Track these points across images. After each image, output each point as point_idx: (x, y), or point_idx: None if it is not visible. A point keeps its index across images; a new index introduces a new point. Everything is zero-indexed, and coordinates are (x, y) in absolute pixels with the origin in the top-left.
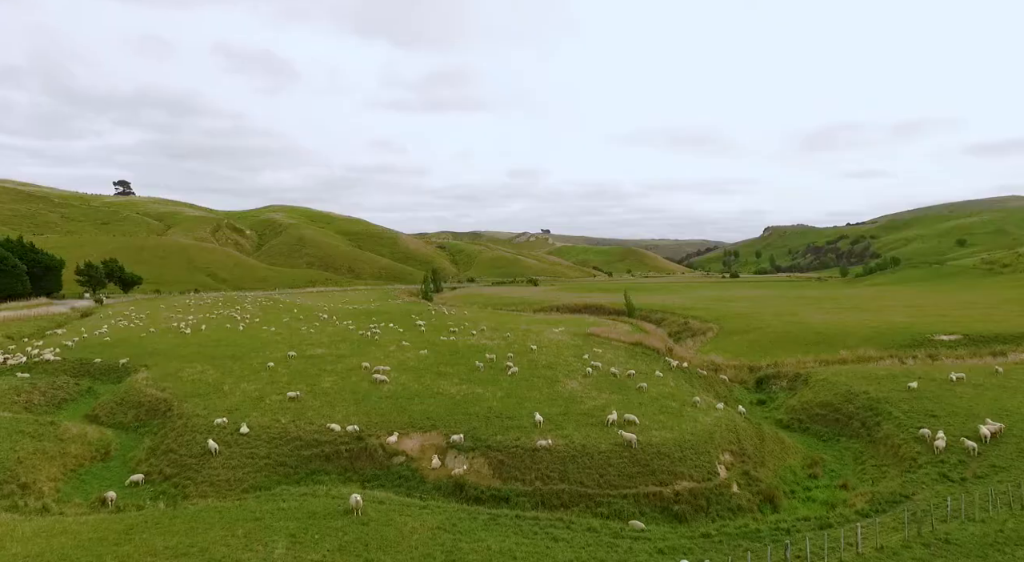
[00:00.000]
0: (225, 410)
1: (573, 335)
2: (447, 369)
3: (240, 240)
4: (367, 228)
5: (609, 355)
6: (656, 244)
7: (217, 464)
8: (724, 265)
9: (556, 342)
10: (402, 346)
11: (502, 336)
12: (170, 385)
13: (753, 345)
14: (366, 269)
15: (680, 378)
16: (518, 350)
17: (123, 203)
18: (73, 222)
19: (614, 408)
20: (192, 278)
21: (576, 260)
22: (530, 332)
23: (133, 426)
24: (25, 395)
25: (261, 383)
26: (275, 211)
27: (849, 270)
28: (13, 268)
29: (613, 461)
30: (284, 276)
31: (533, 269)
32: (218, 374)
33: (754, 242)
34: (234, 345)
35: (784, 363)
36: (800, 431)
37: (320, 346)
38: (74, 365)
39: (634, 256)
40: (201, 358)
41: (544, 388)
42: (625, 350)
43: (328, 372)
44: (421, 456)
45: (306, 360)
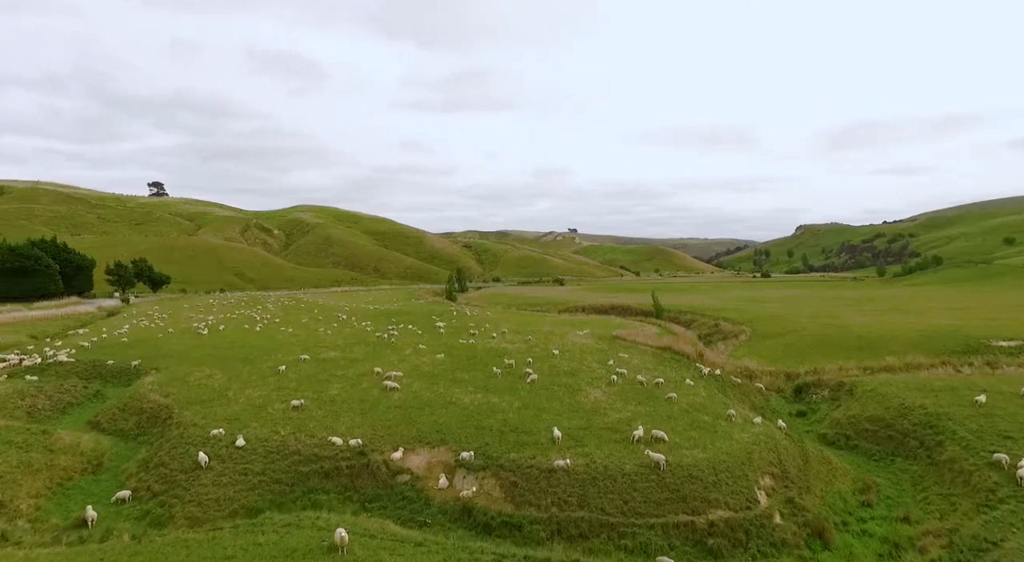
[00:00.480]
0: (225, 419)
1: (598, 338)
2: (463, 375)
3: (268, 240)
4: (393, 227)
5: (636, 361)
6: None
7: (207, 481)
8: (755, 264)
9: (579, 346)
10: (418, 349)
11: (523, 339)
12: (175, 390)
13: (789, 349)
14: (391, 269)
15: (712, 387)
16: (539, 355)
17: (156, 204)
18: (109, 223)
19: (640, 422)
20: (220, 278)
21: (603, 259)
22: (553, 335)
23: (133, 434)
24: (30, 399)
25: (267, 389)
26: (303, 211)
27: (887, 269)
28: (46, 268)
29: (639, 485)
30: (310, 275)
31: (559, 269)
32: (226, 378)
33: (786, 241)
34: (248, 347)
35: (824, 370)
36: (847, 448)
37: (334, 349)
38: (87, 367)
39: (662, 255)
40: (212, 361)
41: (565, 398)
42: (653, 355)
43: (338, 378)
44: (427, 475)
45: (318, 364)
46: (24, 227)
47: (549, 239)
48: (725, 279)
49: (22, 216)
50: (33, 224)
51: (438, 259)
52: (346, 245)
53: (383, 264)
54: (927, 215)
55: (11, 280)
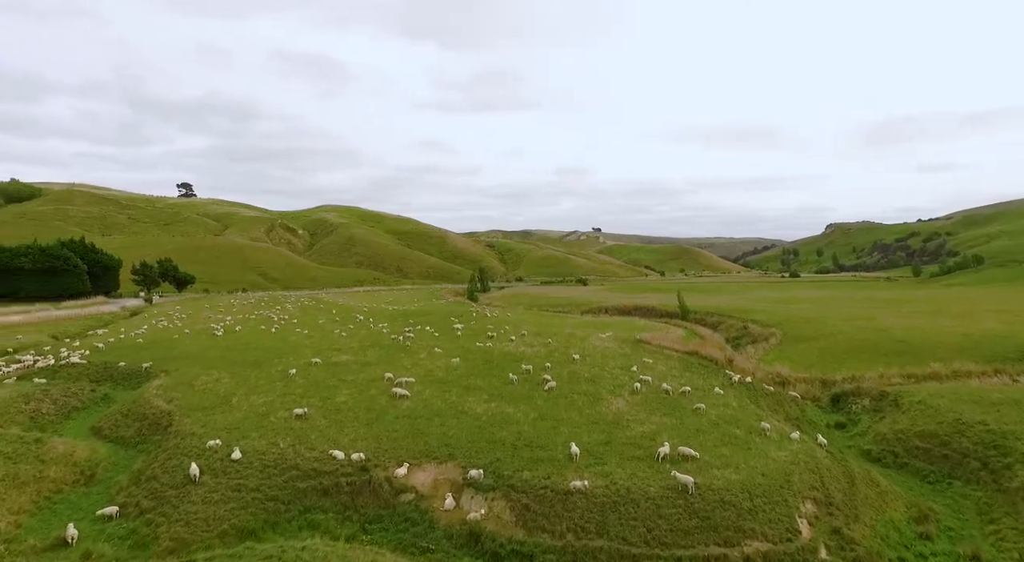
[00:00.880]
0: (225, 428)
1: (621, 342)
2: (477, 382)
3: (293, 239)
4: (416, 227)
5: (661, 367)
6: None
7: (198, 498)
8: (783, 264)
9: (602, 350)
10: (433, 353)
11: (543, 342)
12: (179, 395)
13: (823, 354)
14: (414, 268)
15: (743, 396)
16: (558, 359)
17: (184, 204)
18: (139, 223)
19: (666, 437)
20: (244, 277)
21: (627, 259)
22: (574, 337)
23: (133, 442)
24: (35, 403)
25: (273, 395)
26: (327, 211)
27: (922, 269)
28: (75, 268)
29: (664, 511)
30: (333, 275)
31: (583, 268)
32: (233, 383)
33: (815, 240)
34: (261, 349)
35: (864, 377)
36: (895, 467)
37: (347, 352)
38: (98, 369)
39: (687, 255)
40: (223, 364)
41: (585, 408)
42: (679, 360)
43: (347, 383)
44: (433, 494)
45: (328, 368)
46: (59, 228)
47: (573, 238)
48: (752, 279)
49: (57, 217)
50: (67, 225)
51: (461, 259)
52: (369, 245)
53: (406, 264)
54: (964, 213)
55: (41, 280)
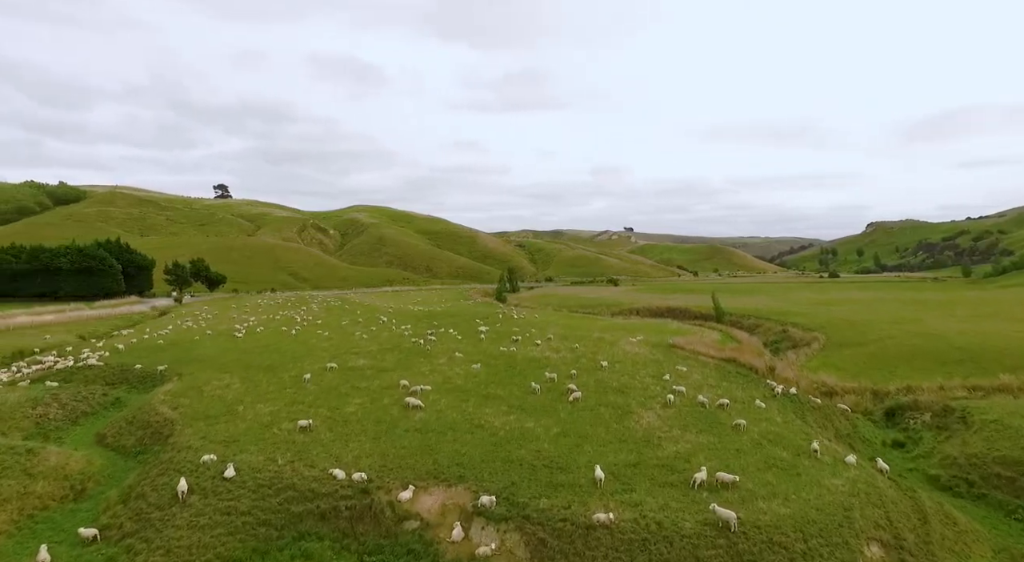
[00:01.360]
0: (223, 441)
1: (652, 347)
2: (497, 390)
3: (324, 239)
4: (446, 227)
5: (696, 375)
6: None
7: (183, 521)
8: (821, 264)
9: (632, 356)
10: (454, 358)
11: (569, 347)
12: (186, 402)
13: (872, 361)
14: (443, 268)
15: (788, 409)
16: (585, 366)
17: (220, 205)
18: (176, 224)
19: (703, 458)
20: (275, 277)
21: (659, 259)
22: (603, 342)
23: (134, 451)
24: (42, 408)
25: (281, 404)
26: (358, 211)
27: (973, 270)
28: (110, 268)
29: (703, 553)
30: (363, 275)
31: (614, 268)
32: (243, 389)
33: (855, 239)
34: (278, 352)
35: (921, 388)
36: (971, 499)
37: (365, 356)
38: (114, 371)
39: (721, 254)
40: (237, 367)
41: (612, 422)
42: (715, 369)
43: (360, 391)
44: (440, 522)
45: (343, 374)
46: (101, 229)
47: (604, 238)
48: (789, 279)
49: (100, 218)
50: (109, 226)
51: (490, 258)
52: (399, 245)
53: (435, 264)
54: (1018, 210)
55: (78, 279)
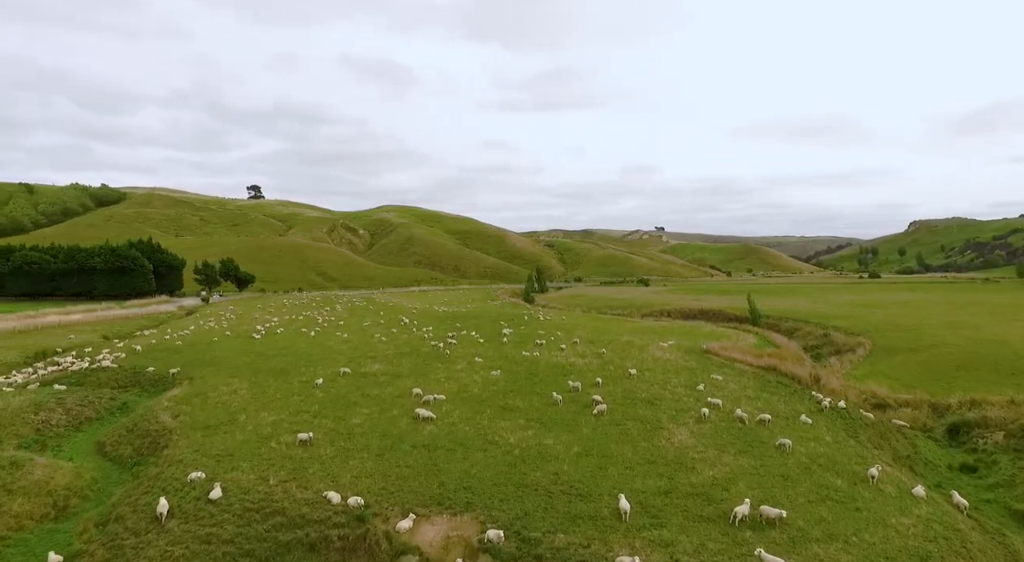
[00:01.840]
0: (217, 455)
1: (685, 353)
2: (515, 401)
3: (353, 239)
4: (475, 227)
5: (733, 386)
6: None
7: (157, 551)
8: (860, 264)
9: (663, 363)
10: (473, 363)
11: (596, 352)
12: (188, 409)
13: (927, 370)
14: (472, 268)
15: (837, 426)
16: (612, 374)
17: (252, 206)
18: (210, 224)
19: (743, 485)
20: (304, 277)
21: (691, 258)
22: (631, 346)
23: (130, 462)
24: (45, 413)
25: (285, 413)
26: (387, 211)
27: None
28: (141, 268)
29: None
30: (391, 275)
31: (645, 268)
32: (249, 395)
33: (896, 238)
34: (293, 355)
35: (988, 402)
36: None
37: (381, 360)
38: (127, 374)
39: (755, 254)
40: (248, 371)
41: (640, 440)
42: (754, 378)
43: (370, 399)
44: (441, 558)
45: (355, 379)
46: (139, 229)
47: (635, 238)
48: (827, 279)
49: (138, 219)
50: (147, 226)
51: (519, 258)
52: (427, 244)
53: (463, 263)
54: None
55: (111, 279)
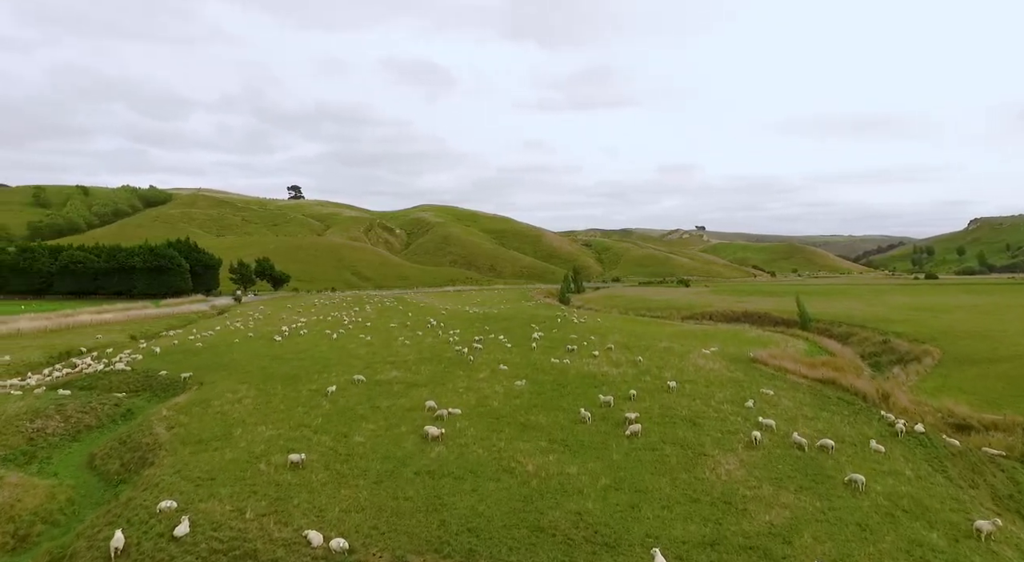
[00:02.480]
0: (197, 478)
1: (730, 361)
2: (539, 417)
3: (390, 239)
4: (511, 226)
5: (786, 401)
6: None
7: None
8: (914, 264)
9: (705, 373)
10: (497, 371)
11: (632, 360)
12: (185, 420)
13: (1012, 385)
14: (507, 268)
15: (917, 455)
16: (649, 386)
17: (292, 206)
18: (250, 224)
19: (810, 537)
20: (339, 276)
21: (733, 258)
22: (671, 353)
23: (115, 480)
24: (41, 421)
25: (284, 426)
26: (424, 210)
27: None
28: (178, 267)
29: None
30: (426, 274)
31: (685, 268)
32: (252, 405)
33: (955, 237)
34: (310, 359)
35: None
36: None
37: (400, 366)
38: (139, 377)
39: (800, 254)
40: (259, 377)
41: (680, 470)
42: (810, 392)
43: (379, 412)
44: None
45: (368, 389)
46: (183, 229)
47: (675, 237)
48: (879, 280)
49: (183, 219)
50: (191, 226)
51: (556, 258)
52: (463, 244)
53: (499, 263)
54: None
55: (149, 278)
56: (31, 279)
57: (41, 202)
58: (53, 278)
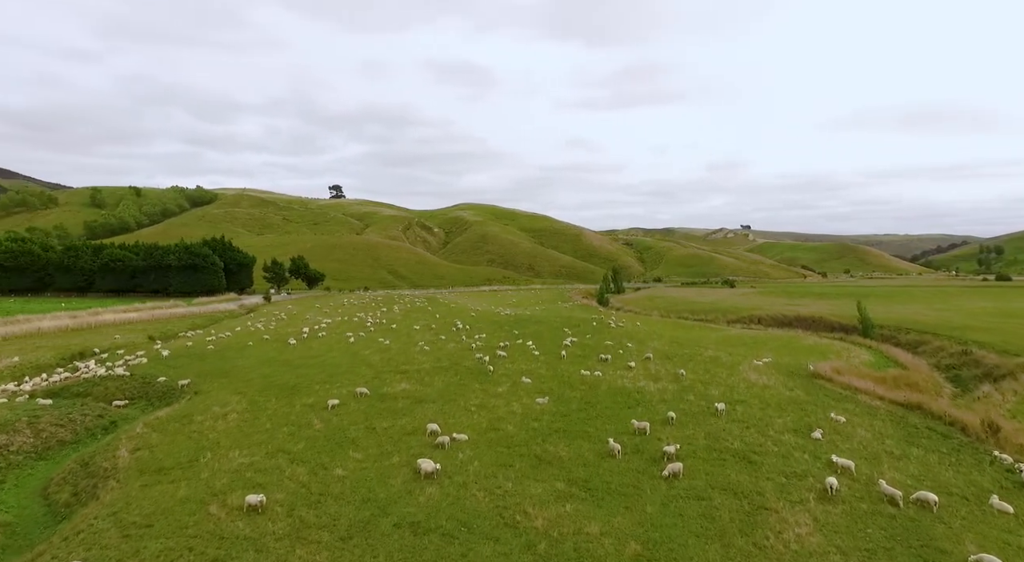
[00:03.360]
0: (133, 523)
1: (787, 375)
2: (559, 447)
3: (428, 237)
4: (550, 225)
5: (863, 432)
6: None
7: None
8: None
9: (759, 391)
10: (518, 385)
11: (673, 372)
12: (157, 440)
13: None
14: (546, 267)
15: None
16: (692, 409)
17: (332, 205)
18: (291, 223)
19: None
20: (375, 275)
21: (780, 258)
22: (718, 365)
23: (62, 513)
24: (6, 436)
25: (261, 452)
26: (463, 209)
27: None
28: (212, 265)
29: None
30: (462, 274)
31: (730, 268)
32: (237, 422)
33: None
34: (318, 366)
35: None
36: None
37: (411, 377)
38: (136, 384)
39: (852, 253)
40: (257, 387)
41: (734, 532)
42: (889, 419)
43: (373, 436)
44: None
45: (369, 404)
46: (226, 228)
47: (719, 236)
48: (942, 282)
49: (226, 219)
50: (233, 225)
51: (596, 257)
52: (501, 243)
53: (538, 262)
54: None
55: (183, 276)
56: (75, 277)
57: (97, 203)
58: (95, 276)
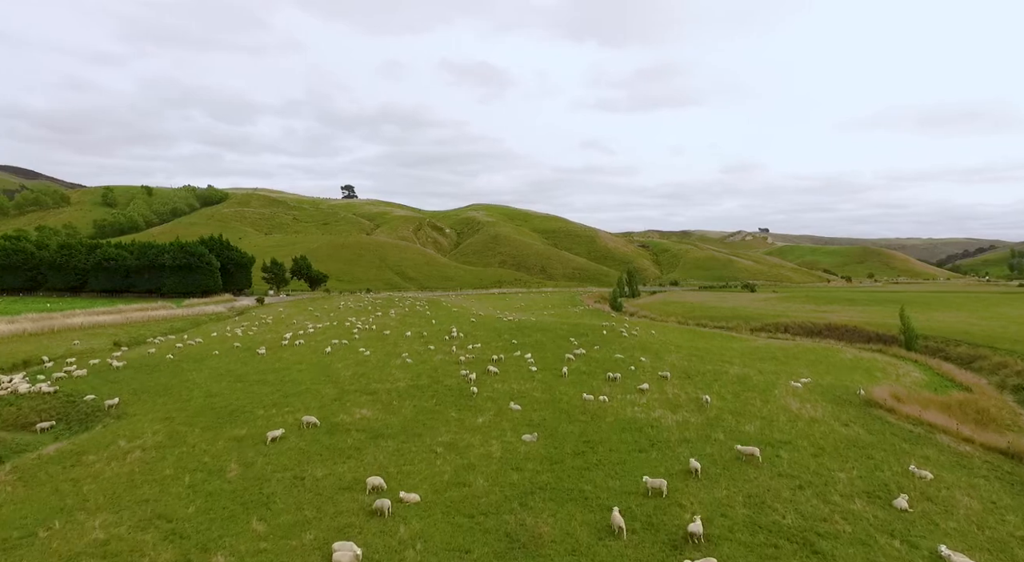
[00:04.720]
0: None
1: (835, 403)
2: (541, 518)
3: (439, 238)
4: (564, 226)
5: (964, 497)
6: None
7: None
8: (1011, 269)
9: (805, 426)
10: (504, 412)
11: (694, 396)
12: (10, 494)
13: None
14: (559, 269)
15: None
16: (722, 453)
17: (344, 205)
18: (301, 223)
19: None
20: (381, 276)
21: (800, 261)
22: (748, 386)
23: None
24: None
25: (132, 521)
26: (476, 210)
27: None
28: (208, 265)
29: None
30: (472, 275)
31: (749, 271)
32: (135, 466)
33: None
34: (275, 384)
35: None
36: None
37: (378, 400)
38: (59, 403)
39: (876, 257)
40: (192, 411)
41: None
42: (991, 471)
43: (296, 493)
44: None
45: (313, 439)
46: (235, 227)
47: (736, 239)
48: (973, 287)
49: (235, 218)
50: (242, 225)
51: (610, 259)
52: (513, 244)
53: (550, 264)
54: None
55: (179, 276)
56: (67, 276)
57: (108, 202)
58: (88, 275)
